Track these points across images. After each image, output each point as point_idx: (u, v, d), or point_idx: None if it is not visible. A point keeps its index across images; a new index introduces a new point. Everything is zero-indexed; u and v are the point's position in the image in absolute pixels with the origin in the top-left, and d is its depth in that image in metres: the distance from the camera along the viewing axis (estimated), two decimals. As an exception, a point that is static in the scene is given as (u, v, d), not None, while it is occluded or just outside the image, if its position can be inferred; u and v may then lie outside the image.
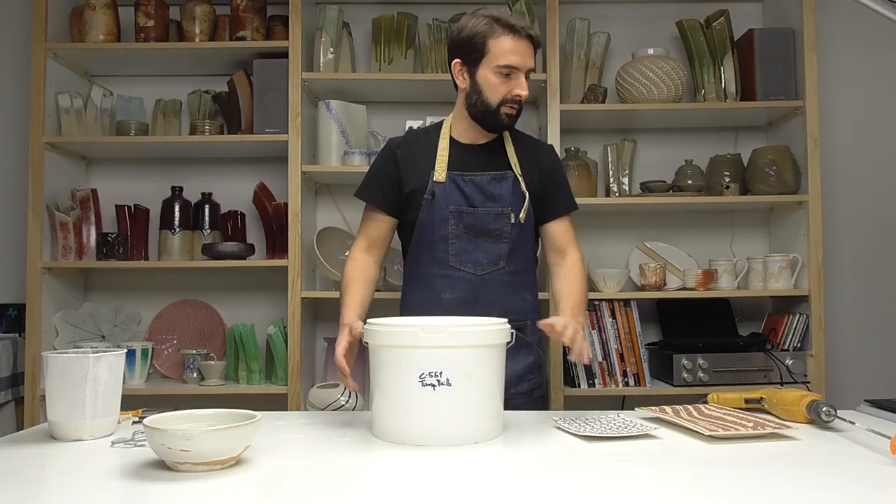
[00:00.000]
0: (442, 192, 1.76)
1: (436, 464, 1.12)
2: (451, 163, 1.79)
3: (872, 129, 2.89)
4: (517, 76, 1.72)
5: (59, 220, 2.57)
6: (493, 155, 1.82)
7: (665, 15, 2.86)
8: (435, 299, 1.74)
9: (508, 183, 1.78)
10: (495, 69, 1.72)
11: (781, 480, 1.02)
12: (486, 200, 1.76)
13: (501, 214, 1.76)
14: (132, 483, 1.01)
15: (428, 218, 1.76)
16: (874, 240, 2.87)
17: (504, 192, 1.77)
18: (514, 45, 1.71)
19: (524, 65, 1.72)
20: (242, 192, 2.80)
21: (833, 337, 2.75)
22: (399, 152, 1.84)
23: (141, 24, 2.62)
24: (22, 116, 2.76)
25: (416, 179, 1.79)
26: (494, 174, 1.78)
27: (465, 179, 1.77)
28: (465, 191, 1.76)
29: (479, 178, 1.77)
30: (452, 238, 1.75)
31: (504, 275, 1.77)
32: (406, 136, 1.97)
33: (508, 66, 1.71)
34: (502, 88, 1.72)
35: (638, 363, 2.51)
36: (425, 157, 1.81)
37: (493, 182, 1.77)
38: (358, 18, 2.82)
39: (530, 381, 1.82)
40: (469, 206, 1.76)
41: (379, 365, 1.29)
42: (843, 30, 2.89)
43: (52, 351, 1.30)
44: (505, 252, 1.77)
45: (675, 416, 1.38)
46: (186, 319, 2.79)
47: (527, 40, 1.72)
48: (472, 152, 1.82)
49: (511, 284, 1.78)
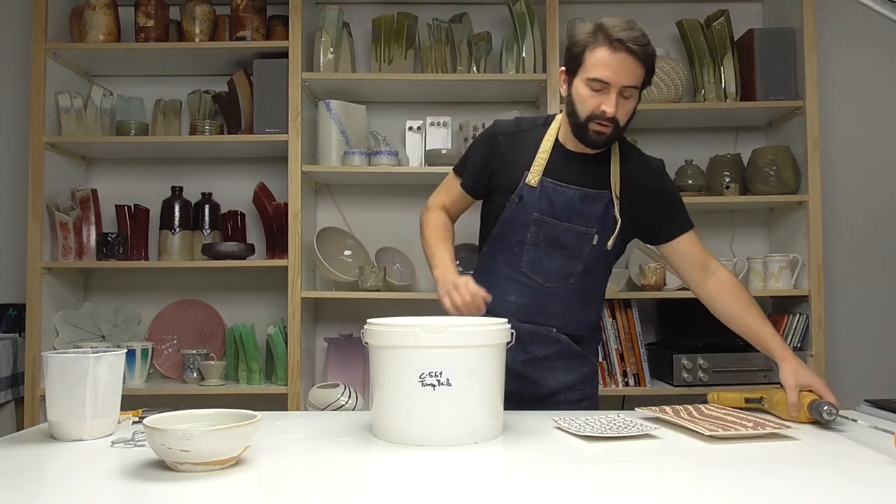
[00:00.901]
0: (531, 197, 1.69)
1: (436, 464, 1.12)
2: (549, 168, 1.70)
3: (872, 129, 2.89)
4: (609, 92, 1.59)
5: (59, 220, 2.57)
6: (595, 169, 1.72)
7: (665, 15, 2.86)
8: (500, 299, 1.67)
9: (602, 204, 1.69)
10: (586, 81, 1.61)
11: (781, 480, 1.02)
12: (573, 216, 1.68)
13: (584, 234, 1.68)
14: (132, 483, 1.01)
15: (511, 218, 1.71)
16: (874, 240, 2.87)
17: (594, 212, 1.69)
18: (609, 57, 1.58)
19: (616, 81, 1.58)
20: (242, 192, 2.80)
21: (833, 337, 2.75)
22: (501, 140, 1.76)
23: (141, 24, 2.62)
24: (22, 116, 2.76)
25: (509, 174, 1.73)
26: (588, 192, 1.69)
27: (556, 189, 1.69)
28: (555, 201, 1.69)
29: (572, 191, 1.69)
30: (529, 245, 1.70)
31: (572, 291, 1.71)
32: (514, 124, 1.83)
33: (598, 79, 1.59)
34: (591, 102, 1.61)
35: (638, 363, 2.51)
36: (525, 153, 1.72)
37: (586, 199, 1.69)
38: (358, 18, 2.82)
39: (581, 390, 1.77)
40: (553, 218, 1.68)
41: (379, 365, 1.29)
42: (843, 30, 2.89)
43: (52, 351, 1.30)
44: (578, 270, 1.71)
45: (675, 416, 1.38)
46: (186, 319, 2.79)
47: (626, 54, 1.58)
48: (573, 161, 1.72)
49: (577, 300, 1.73)
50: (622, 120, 1.63)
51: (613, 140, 1.68)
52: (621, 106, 1.61)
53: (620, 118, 1.62)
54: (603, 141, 1.65)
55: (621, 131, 1.66)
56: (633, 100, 1.64)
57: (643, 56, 1.59)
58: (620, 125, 1.64)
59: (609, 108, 1.59)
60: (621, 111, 1.61)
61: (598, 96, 1.60)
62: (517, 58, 2.61)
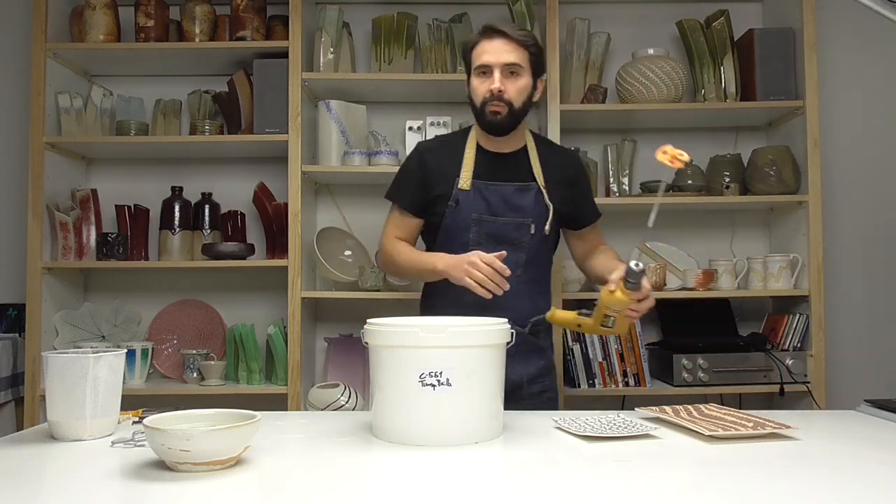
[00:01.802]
0: (466, 200, 1.80)
1: (436, 464, 1.12)
2: (476, 170, 1.83)
3: (872, 129, 2.89)
4: (493, 73, 1.76)
5: (59, 220, 2.57)
6: (518, 165, 1.86)
7: (665, 15, 2.86)
8: (454, 302, 1.73)
9: (531, 195, 1.82)
10: (475, 72, 1.79)
11: (781, 480, 1.02)
12: (509, 210, 1.81)
13: (522, 225, 1.80)
14: (132, 483, 1.01)
15: (452, 224, 1.81)
16: (874, 240, 2.87)
17: (526, 203, 1.82)
18: (487, 45, 1.77)
19: (496, 61, 1.76)
20: (242, 192, 2.80)
21: (833, 337, 2.75)
22: (428, 156, 1.89)
23: (141, 24, 2.62)
24: (22, 116, 2.76)
25: (442, 184, 1.84)
26: (518, 185, 1.82)
27: (488, 188, 1.81)
28: (489, 200, 1.81)
29: (503, 188, 1.82)
30: (473, 245, 1.78)
31: (521, 283, 1.79)
32: (435, 140, 2.05)
33: (481, 65, 1.77)
34: (482, 88, 1.78)
35: (638, 363, 2.51)
36: (452, 162, 1.85)
37: (517, 193, 1.82)
38: (358, 18, 2.82)
39: (541, 383, 1.85)
40: (491, 216, 1.80)
41: (379, 365, 1.29)
42: (843, 30, 2.89)
43: (52, 351, 1.30)
44: (523, 261, 1.81)
45: (675, 416, 1.38)
46: (186, 319, 2.79)
47: (500, 38, 1.77)
48: (497, 161, 1.85)
49: (527, 291, 1.81)
50: (515, 99, 1.77)
51: (511, 121, 1.80)
52: (508, 84, 1.76)
53: (512, 97, 1.77)
54: (500, 121, 1.78)
55: (518, 112, 1.79)
56: (522, 79, 1.78)
57: (517, 37, 1.77)
58: (515, 105, 1.78)
59: (494, 84, 1.75)
60: (510, 89, 1.76)
61: (486, 80, 1.77)
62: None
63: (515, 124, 1.82)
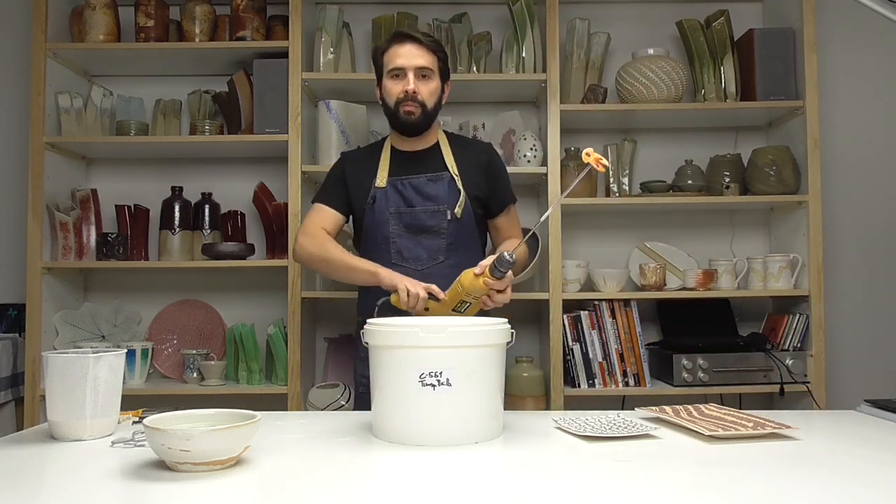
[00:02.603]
0: (382, 196, 1.91)
1: (436, 464, 1.12)
2: (392, 169, 1.94)
3: (872, 129, 2.89)
4: (406, 75, 1.86)
5: (59, 220, 2.57)
6: (431, 158, 1.95)
7: (665, 15, 2.86)
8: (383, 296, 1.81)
9: (445, 182, 1.91)
10: (388, 75, 1.89)
11: (781, 480, 1.02)
12: (424, 200, 1.89)
13: (437, 212, 1.88)
14: (132, 483, 1.01)
15: (371, 221, 1.92)
16: (874, 240, 2.87)
17: (440, 191, 1.90)
18: (399, 49, 1.87)
19: (409, 63, 1.86)
20: (242, 192, 2.80)
21: (833, 337, 2.75)
22: (347, 163, 2.02)
23: (141, 24, 2.62)
24: (22, 116, 2.76)
25: (360, 186, 1.95)
26: (431, 175, 1.92)
27: (403, 183, 1.91)
28: (404, 193, 1.91)
29: (417, 179, 1.91)
30: (394, 237, 1.89)
31: (445, 269, 1.86)
32: (356, 150, 2.20)
33: (395, 67, 1.87)
34: (395, 89, 1.87)
35: (638, 363, 2.51)
36: (370, 166, 1.97)
37: (430, 183, 1.91)
38: (358, 18, 2.82)
39: None
40: (407, 207, 1.89)
41: (379, 365, 1.29)
42: (843, 30, 2.89)
43: (52, 351, 1.30)
44: (444, 247, 1.89)
45: (675, 416, 1.38)
46: (186, 319, 2.79)
47: (411, 43, 1.87)
48: (411, 158, 1.96)
49: (453, 278, 1.80)
50: (427, 100, 1.88)
51: (425, 121, 1.90)
52: (421, 86, 1.86)
53: (425, 97, 1.87)
54: (413, 121, 1.88)
55: (430, 112, 1.90)
56: (432, 82, 1.89)
57: (427, 43, 1.88)
58: (427, 106, 1.88)
59: (409, 85, 1.85)
60: (423, 90, 1.87)
61: (399, 82, 1.87)
62: (517, 58, 2.61)
63: (429, 124, 1.92)
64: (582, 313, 2.52)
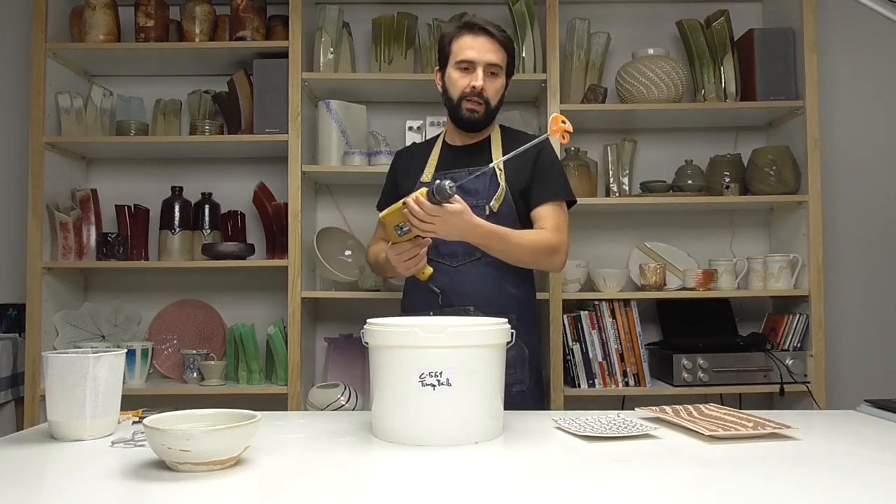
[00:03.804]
0: None
1: (436, 464, 1.12)
2: (440, 164, 1.90)
3: (872, 129, 2.89)
4: (475, 69, 1.80)
5: (59, 220, 2.57)
6: (479, 152, 1.90)
7: (665, 15, 2.86)
8: (421, 291, 1.81)
9: (486, 177, 1.84)
10: (455, 65, 1.82)
11: (781, 480, 1.02)
12: (464, 195, 1.80)
13: (476, 207, 1.80)
14: (132, 483, 1.01)
15: None
16: (874, 240, 2.87)
17: (481, 185, 1.84)
18: (471, 41, 1.81)
19: (480, 58, 1.80)
20: (242, 192, 2.80)
21: (833, 337, 2.75)
22: (399, 161, 2.01)
23: (141, 24, 2.62)
24: (22, 116, 2.76)
25: (409, 183, 1.90)
26: (473, 169, 1.83)
27: (445, 177, 1.83)
28: None
29: (458, 174, 1.84)
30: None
31: (482, 266, 1.81)
32: (410, 146, 2.14)
33: (464, 60, 1.80)
34: (461, 82, 1.82)
35: (638, 363, 2.51)
36: (421, 162, 1.92)
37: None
38: (358, 18, 2.82)
39: (510, 374, 1.78)
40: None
41: (379, 365, 1.29)
42: (843, 30, 2.89)
43: (52, 351, 1.30)
44: None
45: (675, 416, 1.38)
46: (186, 319, 2.79)
47: (485, 36, 1.81)
48: (460, 152, 1.91)
49: (490, 276, 1.81)
50: (492, 98, 1.82)
51: (487, 119, 1.85)
52: (488, 83, 1.81)
53: (490, 95, 1.82)
54: (476, 119, 1.82)
55: (493, 111, 1.85)
56: (499, 79, 1.84)
57: (501, 38, 1.82)
58: (491, 104, 1.83)
59: (477, 81, 1.79)
60: (490, 87, 1.81)
61: (466, 76, 1.81)
62: (517, 58, 2.61)
63: (489, 122, 1.87)
64: (582, 313, 2.52)
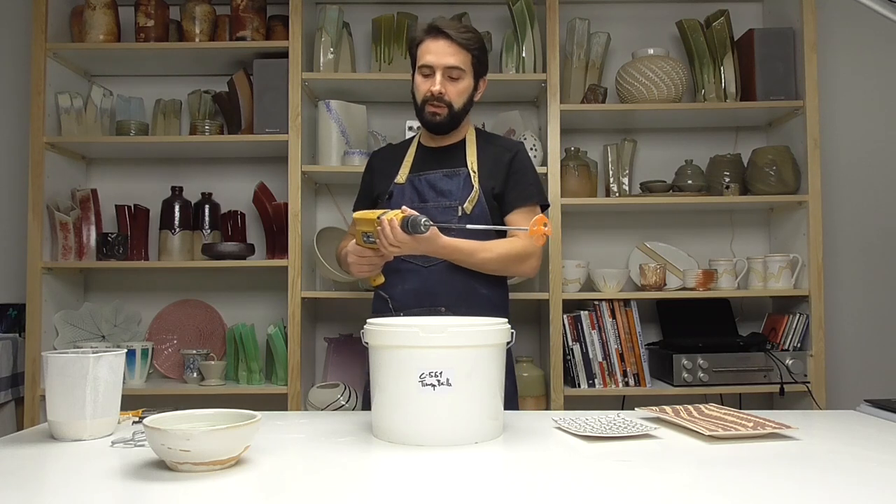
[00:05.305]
0: (399, 192, 1.89)
1: (436, 464, 1.12)
2: (414, 165, 1.91)
3: (872, 129, 2.89)
4: (434, 74, 1.81)
5: (59, 220, 2.57)
6: (453, 154, 1.90)
7: (665, 15, 2.86)
8: (392, 291, 1.82)
9: (460, 179, 1.85)
10: (419, 70, 1.84)
11: (781, 480, 1.02)
12: (437, 196, 1.84)
13: (449, 208, 1.82)
14: (132, 483, 1.01)
15: None
16: (874, 240, 2.87)
17: (454, 187, 1.84)
18: (432, 45, 1.81)
19: (438, 62, 1.79)
20: (242, 192, 2.80)
21: (833, 337, 2.75)
22: (374, 162, 2.02)
23: (141, 24, 2.62)
24: (22, 116, 2.76)
25: (383, 184, 1.92)
26: (447, 171, 1.86)
27: (420, 179, 1.87)
28: (419, 188, 1.86)
29: (433, 175, 1.87)
30: None
31: (454, 267, 1.80)
32: (386, 147, 2.15)
33: (424, 65, 1.81)
34: (423, 87, 1.83)
35: (638, 363, 2.51)
36: (396, 163, 1.93)
37: (445, 179, 1.86)
38: (358, 18, 2.82)
39: None
40: (420, 202, 1.84)
41: (379, 365, 1.29)
42: (843, 30, 2.89)
43: (52, 351, 1.30)
44: None
45: (675, 416, 1.38)
46: (186, 319, 2.79)
47: (444, 39, 1.80)
48: (434, 154, 1.91)
49: (463, 278, 1.80)
50: (455, 101, 1.82)
51: (451, 122, 1.84)
52: (449, 87, 1.81)
53: (453, 98, 1.81)
54: (439, 122, 1.84)
55: (458, 113, 1.84)
56: (462, 81, 1.82)
57: (461, 40, 1.80)
58: (455, 107, 1.82)
59: (435, 86, 1.79)
60: (451, 91, 1.81)
61: (427, 80, 1.82)
62: (517, 58, 2.61)
63: (455, 124, 1.87)
64: (582, 313, 2.52)
